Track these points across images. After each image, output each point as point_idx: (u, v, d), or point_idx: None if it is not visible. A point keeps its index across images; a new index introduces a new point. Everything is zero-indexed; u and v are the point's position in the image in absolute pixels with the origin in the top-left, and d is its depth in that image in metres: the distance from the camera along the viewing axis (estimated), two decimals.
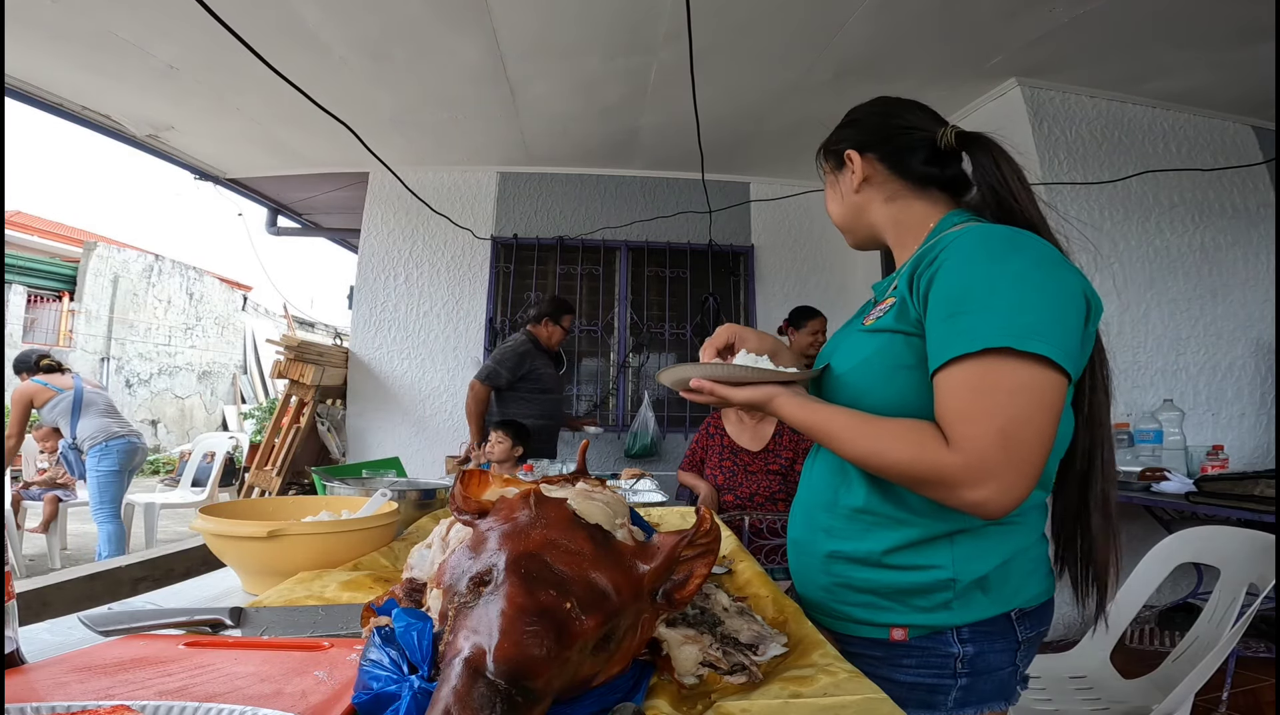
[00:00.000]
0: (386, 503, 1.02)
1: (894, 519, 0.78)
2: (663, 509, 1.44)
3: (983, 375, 0.66)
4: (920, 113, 0.89)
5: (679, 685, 0.56)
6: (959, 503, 0.67)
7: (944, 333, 0.70)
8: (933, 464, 0.67)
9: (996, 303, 0.67)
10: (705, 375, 0.81)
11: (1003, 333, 0.65)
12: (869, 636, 0.81)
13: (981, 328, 0.66)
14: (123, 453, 3.82)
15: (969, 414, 0.66)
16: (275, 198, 5.02)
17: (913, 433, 0.70)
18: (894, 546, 0.78)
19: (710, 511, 0.56)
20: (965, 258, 0.72)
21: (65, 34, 2.76)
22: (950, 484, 0.66)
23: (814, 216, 4.52)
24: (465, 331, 4.27)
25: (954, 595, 0.76)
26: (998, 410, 0.65)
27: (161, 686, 0.49)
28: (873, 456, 0.72)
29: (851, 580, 0.82)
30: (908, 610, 0.78)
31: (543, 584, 0.45)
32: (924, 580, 0.77)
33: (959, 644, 0.77)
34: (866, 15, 2.55)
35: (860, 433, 0.73)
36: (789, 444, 2.63)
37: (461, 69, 3.06)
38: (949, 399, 0.68)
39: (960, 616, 0.77)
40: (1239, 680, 2.21)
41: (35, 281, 9.20)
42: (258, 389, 12.04)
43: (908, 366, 0.76)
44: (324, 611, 0.70)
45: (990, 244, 0.72)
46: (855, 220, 0.92)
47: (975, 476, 0.65)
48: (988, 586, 0.77)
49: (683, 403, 4.30)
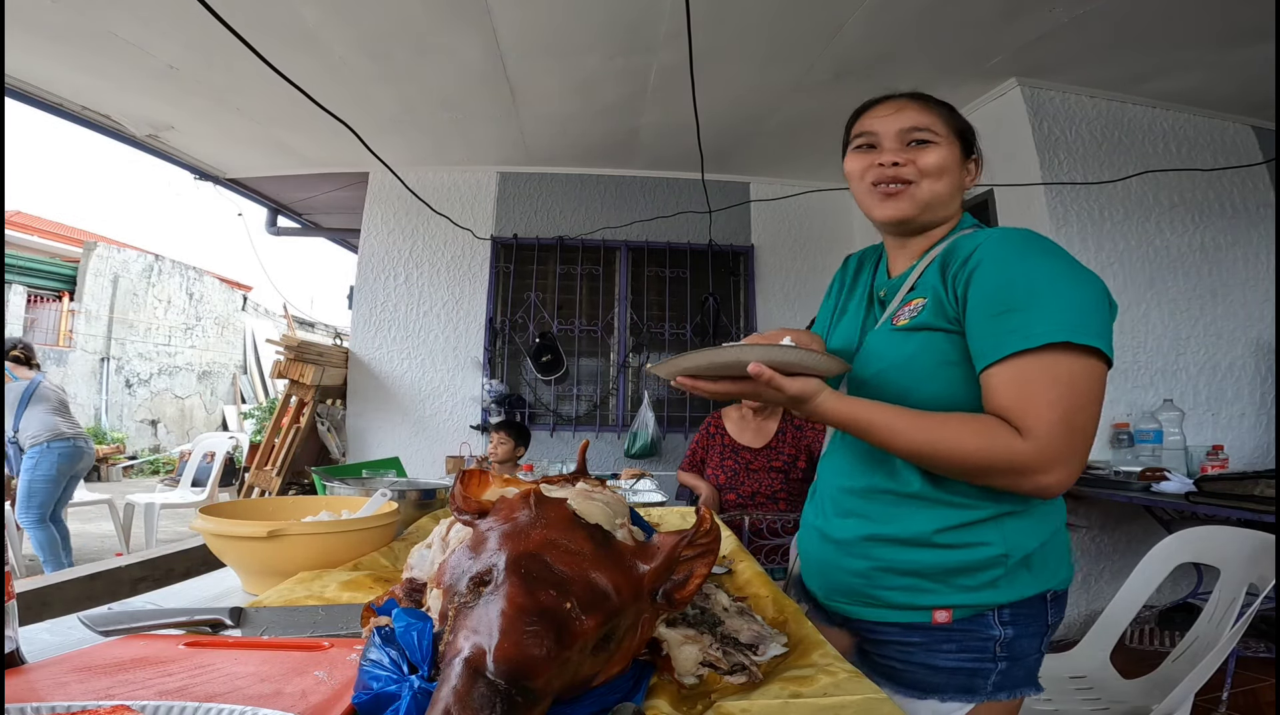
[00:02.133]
0: (386, 503, 1.02)
1: (945, 501, 0.80)
2: (663, 509, 1.44)
3: (1046, 368, 0.71)
4: None
5: (679, 685, 0.56)
6: (1029, 487, 0.72)
7: (997, 329, 0.73)
8: (1005, 453, 0.71)
9: (1051, 300, 0.72)
10: (765, 358, 0.74)
11: (1063, 328, 0.71)
12: (907, 621, 0.82)
13: (1040, 324, 0.71)
14: (64, 456, 3.64)
15: (1036, 404, 0.71)
16: (275, 198, 5.02)
17: (979, 425, 0.73)
18: (946, 526, 0.80)
19: (710, 511, 0.56)
20: (1009, 258, 0.76)
21: (65, 34, 2.76)
22: (1022, 471, 0.71)
23: (814, 216, 4.52)
24: (465, 331, 4.27)
25: (1004, 571, 0.79)
26: (1060, 400, 0.70)
27: (161, 686, 0.49)
28: (938, 448, 0.74)
29: (894, 563, 0.82)
30: (952, 591, 0.80)
31: (543, 584, 0.45)
32: (975, 557, 0.79)
33: (999, 626, 0.80)
34: (866, 15, 2.55)
35: (919, 427, 0.74)
36: (791, 441, 2.63)
37: (461, 69, 3.06)
38: (1013, 390, 0.72)
39: (1005, 595, 0.79)
40: (1239, 680, 2.21)
41: (35, 281, 9.20)
42: (258, 389, 12.04)
43: (951, 362, 0.79)
44: (324, 611, 0.70)
45: (1029, 245, 0.77)
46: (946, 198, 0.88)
47: (1047, 463, 0.70)
48: (1031, 564, 0.80)
49: (682, 403, 4.30)
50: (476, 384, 4.23)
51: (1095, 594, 2.84)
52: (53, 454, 3.62)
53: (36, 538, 3.62)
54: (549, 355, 4.19)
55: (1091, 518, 2.88)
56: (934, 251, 0.89)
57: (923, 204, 0.87)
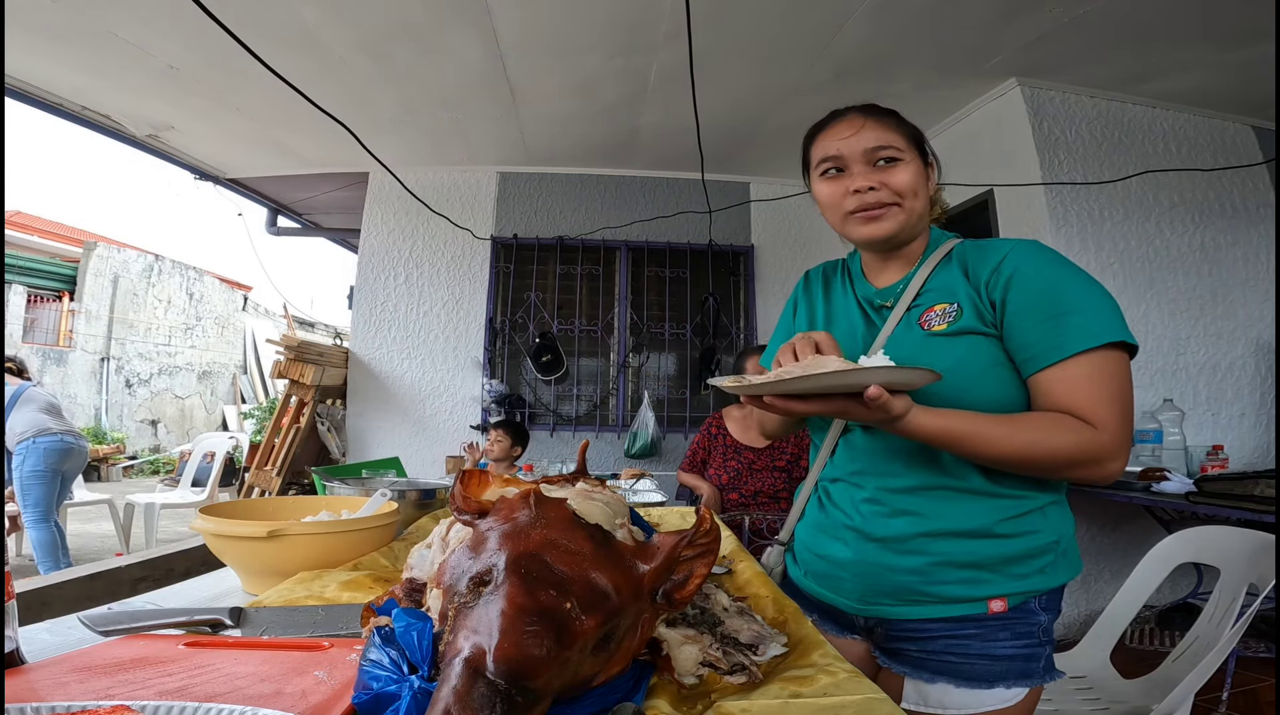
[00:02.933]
0: (386, 503, 1.02)
1: (1002, 494, 0.84)
2: (663, 509, 1.44)
3: (1105, 365, 0.78)
4: None
5: (679, 685, 0.56)
6: (1101, 475, 0.78)
7: (1053, 332, 0.79)
8: (1093, 446, 0.77)
9: (1098, 302, 0.80)
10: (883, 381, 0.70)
11: (1114, 329, 0.78)
12: (960, 615, 0.85)
13: (1096, 326, 0.78)
14: (52, 452, 3.60)
15: (1104, 399, 0.77)
16: (275, 198, 5.02)
17: (1062, 422, 0.78)
18: (1006, 516, 0.84)
19: (710, 511, 0.56)
20: (1045, 266, 0.83)
21: (65, 34, 2.76)
22: (1101, 460, 0.77)
23: (814, 216, 4.49)
24: (465, 331, 4.27)
25: (1053, 558, 0.85)
26: (1120, 393, 0.78)
27: (161, 686, 0.49)
28: (1038, 450, 0.78)
29: (954, 556, 0.85)
30: (1008, 580, 0.84)
31: (543, 584, 0.45)
32: (1032, 545, 0.84)
33: (1041, 612, 0.85)
34: (866, 15, 2.55)
35: (1013, 433, 0.78)
36: (794, 441, 2.63)
37: (461, 69, 3.06)
38: (1081, 387, 0.78)
39: (1050, 581, 0.85)
40: (1239, 680, 2.21)
41: (35, 281, 9.20)
42: (258, 389, 12.04)
43: (999, 364, 0.84)
44: (324, 611, 0.70)
45: (1057, 255, 0.85)
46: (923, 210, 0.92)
47: (1118, 450, 0.77)
48: (1068, 552, 0.87)
49: (683, 403, 4.30)
50: (476, 384, 4.23)
51: (1095, 594, 2.84)
52: (38, 449, 3.59)
53: (37, 537, 3.60)
54: (549, 355, 4.19)
55: (1092, 517, 2.88)
56: (932, 258, 0.92)
57: (903, 224, 0.89)
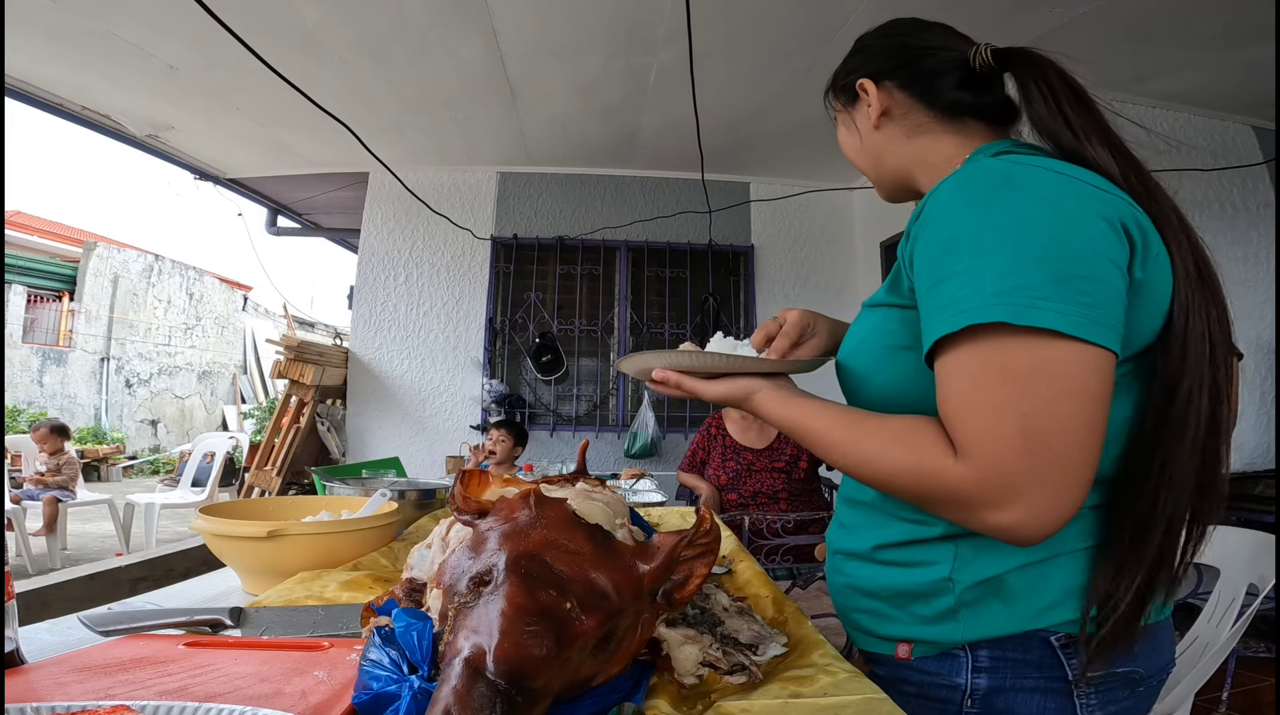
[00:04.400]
0: (386, 503, 1.02)
1: (896, 514, 0.66)
2: (663, 509, 1.44)
3: (984, 358, 0.51)
4: (943, 31, 0.73)
5: (679, 685, 0.56)
6: (981, 527, 0.52)
7: (931, 306, 0.55)
8: (935, 477, 0.53)
9: (982, 261, 0.51)
10: (671, 364, 0.68)
11: (993, 302, 0.50)
12: (875, 651, 0.70)
13: (968, 296, 0.51)
14: None
15: (971, 410, 0.51)
16: (275, 198, 5.02)
17: (909, 435, 0.55)
18: (886, 543, 0.66)
19: (710, 511, 0.56)
20: (947, 204, 0.56)
21: (65, 34, 2.76)
22: (963, 503, 0.52)
23: (814, 216, 4.52)
24: (465, 331, 4.27)
25: (954, 600, 0.61)
26: (1008, 404, 0.49)
27: (161, 686, 0.49)
28: (864, 466, 0.58)
29: (856, 580, 0.70)
30: (910, 620, 0.65)
31: (543, 584, 0.45)
32: (920, 580, 0.63)
33: (972, 673, 0.61)
34: (866, 15, 2.55)
35: (848, 435, 0.59)
36: (793, 442, 2.63)
37: (461, 69, 3.06)
38: (946, 392, 0.53)
39: (970, 629, 0.61)
40: (1239, 680, 2.21)
41: (35, 281, 9.20)
42: (258, 389, 12.04)
43: (904, 347, 0.62)
44: (324, 611, 0.70)
45: (977, 184, 0.55)
46: (878, 163, 0.75)
47: (995, 493, 0.50)
48: (1007, 593, 0.60)
49: (683, 403, 4.30)
50: (476, 384, 4.23)
51: None
52: None
53: None
54: (549, 355, 4.19)
55: None
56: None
57: (876, 183, 0.78)
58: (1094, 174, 0.57)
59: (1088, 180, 0.55)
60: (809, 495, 2.65)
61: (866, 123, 0.74)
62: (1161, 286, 0.55)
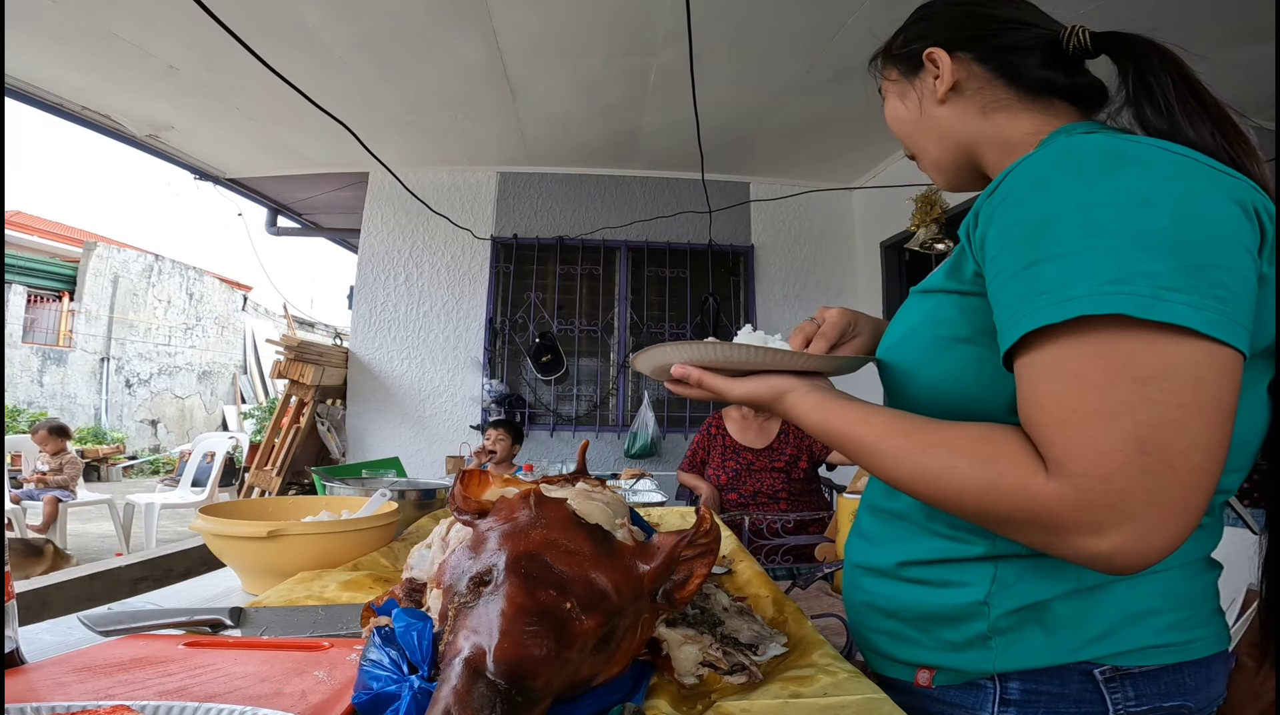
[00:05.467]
0: (386, 503, 1.02)
1: (933, 529, 0.60)
2: (663, 509, 1.44)
3: (1094, 356, 0.43)
4: (1027, 7, 0.67)
5: (679, 685, 0.56)
6: (1073, 554, 0.44)
7: (1016, 293, 0.47)
8: (1018, 496, 0.45)
9: (1097, 243, 0.44)
10: (693, 358, 0.62)
11: (1110, 290, 0.42)
12: (893, 677, 0.64)
13: (1077, 282, 0.43)
14: None
15: (1073, 418, 0.43)
16: (275, 198, 5.02)
17: (984, 446, 0.48)
18: (915, 560, 0.60)
19: (710, 511, 0.56)
20: (1042, 178, 0.48)
21: (65, 34, 2.76)
22: (1054, 526, 0.44)
23: (814, 216, 4.52)
24: (465, 331, 4.27)
25: (987, 626, 0.55)
26: (1124, 412, 0.42)
27: (161, 686, 0.49)
28: (925, 481, 0.50)
29: (875, 598, 0.64)
30: (934, 645, 0.59)
31: (543, 584, 0.45)
32: (950, 603, 0.57)
33: (996, 705, 0.56)
34: (866, 15, 2.55)
35: (907, 445, 0.51)
36: (793, 441, 2.63)
37: (461, 69, 3.06)
38: (1038, 396, 0.46)
39: (1003, 660, 0.55)
40: None
41: (35, 281, 9.21)
42: (258, 389, 12.04)
43: (962, 339, 0.55)
44: (324, 611, 0.70)
45: (1084, 158, 0.47)
46: (940, 139, 0.67)
47: (1097, 516, 0.42)
48: (1050, 621, 0.54)
49: (683, 402, 4.30)
50: (476, 384, 4.23)
51: None
52: None
53: None
54: (549, 355, 4.19)
55: None
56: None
57: (934, 164, 0.70)
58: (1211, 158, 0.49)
59: (1208, 163, 0.47)
60: (809, 495, 2.65)
61: (931, 95, 0.67)
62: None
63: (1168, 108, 0.55)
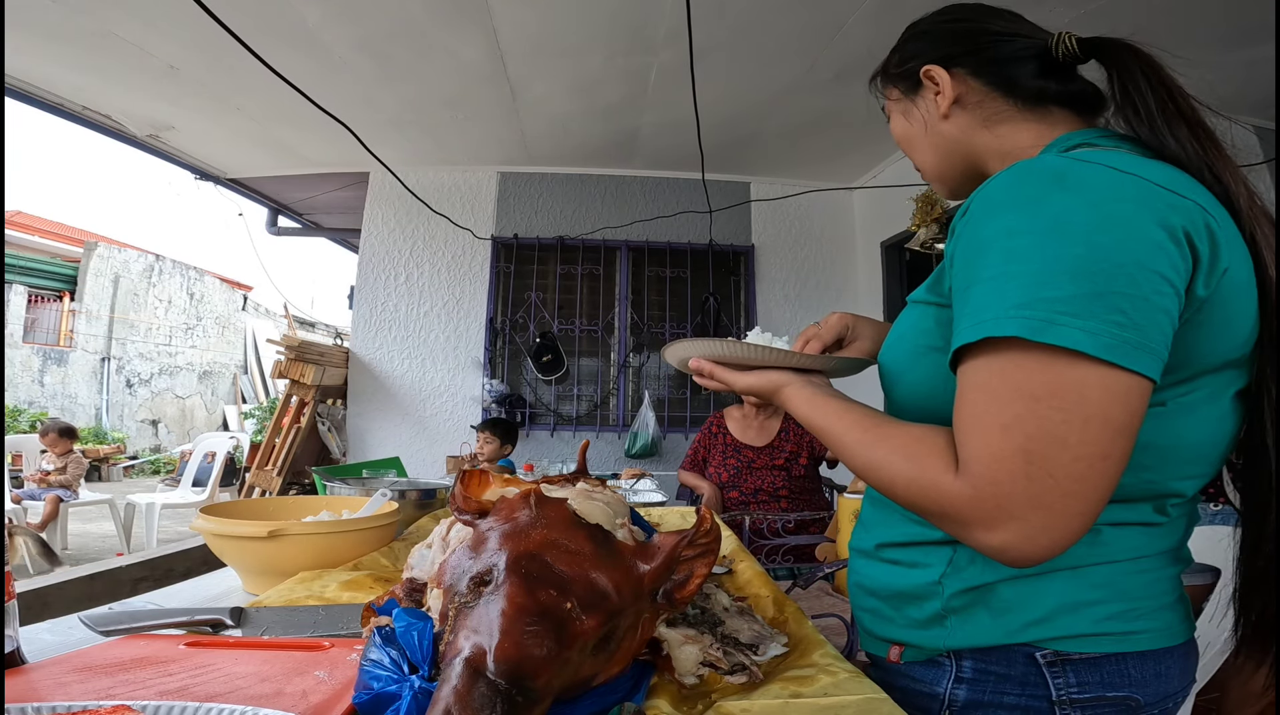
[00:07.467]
0: (386, 503, 1.02)
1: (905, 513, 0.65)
2: (663, 509, 1.44)
3: (999, 373, 0.49)
4: (1012, 18, 0.70)
5: (679, 685, 0.56)
6: (975, 545, 0.51)
7: (958, 312, 0.53)
8: (932, 491, 0.51)
9: (1012, 268, 0.49)
10: (707, 353, 0.71)
11: (1013, 314, 0.47)
12: (875, 654, 0.69)
13: (991, 306, 0.49)
14: None
15: (978, 426, 0.49)
16: (275, 198, 5.02)
17: (916, 445, 0.54)
18: (891, 541, 0.66)
19: (710, 511, 0.56)
20: (990, 202, 0.52)
21: (65, 34, 2.76)
22: (956, 519, 0.50)
23: (814, 216, 4.52)
24: (465, 331, 4.27)
25: (941, 605, 0.60)
26: (1016, 424, 0.47)
27: (162, 686, 0.49)
28: (871, 472, 0.57)
29: (863, 579, 0.70)
30: (903, 622, 0.64)
31: (543, 584, 0.45)
32: (912, 582, 0.63)
33: (951, 683, 0.60)
34: (867, 15, 2.55)
35: (863, 439, 0.58)
36: (793, 439, 2.64)
37: (461, 69, 3.06)
38: (959, 404, 0.52)
39: (956, 637, 0.60)
40: None
41: (35, 281, 9.21)
42: (258, 389, 12.04)
43: (936, 348, 0.59)
44: (324, 611, 0.70)
45: (1026, 182, 0.51)
46: (946, 154, 0.70)
47: (986, 513, 0.48)
48: (996, 603, 0.59)
49: (683, 402, 4.31)
50: (477, 384, 4.23)
51: None
52: None
53: None
54: (549, 355, 4.19)
55: None
56: None
57: (941, 178, 0.73)
58: (1173, 172, 0.53)
59: (1158, 180, 0.50)
60: (809, 494, 2.66)
61: (934, 112, 0.69)
62: (1241, 298, 0.52)
63: (1148, 114, 0.59)
